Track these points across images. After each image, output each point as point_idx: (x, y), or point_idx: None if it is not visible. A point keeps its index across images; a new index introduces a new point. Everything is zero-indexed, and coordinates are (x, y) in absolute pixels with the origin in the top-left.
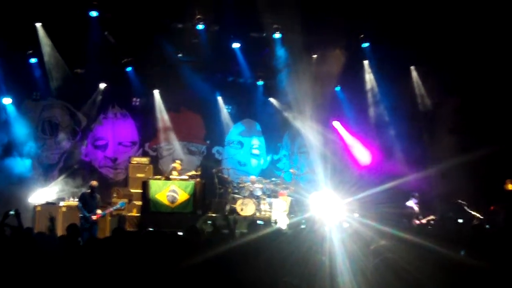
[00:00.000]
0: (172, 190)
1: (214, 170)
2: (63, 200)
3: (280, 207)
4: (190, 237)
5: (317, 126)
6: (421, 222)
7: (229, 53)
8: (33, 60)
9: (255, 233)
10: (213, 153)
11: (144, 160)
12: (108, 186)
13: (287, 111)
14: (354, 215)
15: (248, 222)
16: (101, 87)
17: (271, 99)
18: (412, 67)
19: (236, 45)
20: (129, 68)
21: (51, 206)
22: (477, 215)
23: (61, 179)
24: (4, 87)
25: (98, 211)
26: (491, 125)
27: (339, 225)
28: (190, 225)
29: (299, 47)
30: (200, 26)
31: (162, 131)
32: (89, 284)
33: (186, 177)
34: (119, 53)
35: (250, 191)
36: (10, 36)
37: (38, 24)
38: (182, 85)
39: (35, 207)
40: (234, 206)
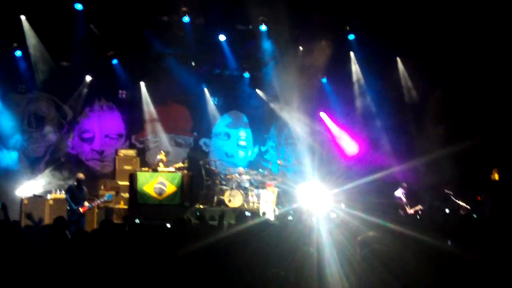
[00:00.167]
0: (159, 182)
1: (201, 162)
2: (50, 193)
3: (268, 198)
4: (177, 229)
5: (304, 118)
6: (409, 212)
7: (215, 45)
8: (18, 53)
9: (243, 224)
10: (200, 145)
11: (131, 152)
12: (95, 178)
13: (273, 102)
14: (341, 205)
15: (236, 214)
16: (87, 79)
17: (257, 91)
18: (398, 58)
19: (222, 37)
20: (115, 61)
21: (38, 199)
22: (464, 205)
23: (48, 172)
24: None
25: (85, 203)
26: (476, 116)
27: (327, 215)
28: (178, 217)
29: (285, 39)
30: (186, 19)
31: (148, 124)
32: (78, 277)
33: (173, 169)
34: (105, 45)
35: (238, 183)
36: None
37: (23, 17)
38: (169, 78)
39: (22, 200)
40: (222, 197)
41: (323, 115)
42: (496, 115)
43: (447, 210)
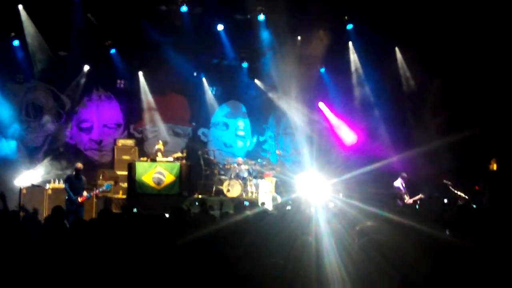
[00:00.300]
0: (158, 172)
1: (199, 152)
2: (48, 183)
3: (266, 188)
4: (176, 218)
5: (302, 108)
6: (407, 202)
7: (213, 35)
8: (16, 42)
9: (241, 214)
10: (199, 135)
11: (130, 142)
12: (93, 168)
13: (272, 92)
14: (339, 195)
15: (235, 203)
16: (85, 69)
17: (256, 80)
18: (396, 48)
19: (220, 27)
20: (112, 50)
21: (36, 188)
22: (462, 195)
23: (46, 161)
24: None
25: (84, 193)
26: (475, 106)
27: (325, 205)
28: (176, 207)
29: (284, 29)
30: (184, 8)
31: (147, 113)
32: (76, 266)
33: (171, 159)
34: (103, 35)
35: (236, 173)
36: None
37: (20, 6)
38: (167, 67)
39: (21, 190)
40: (221, 187)
41: (322, 105)
42: (495, 105)
43: (446, 200)
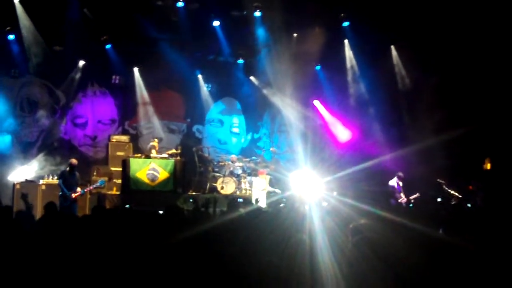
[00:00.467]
0: (152, 168)
1: (194, 149)
2: (42, 178)
3: (260, 185)
4: (170, 215)
5: (297, 105)
6: (399, 201)
7: (209, 31)
8: (11, 36)
9: (235, 211)
10: (194, 131)
11: (124, 138)
12: (88, 164)
13: (267, 89)
14: (333, 193)
15: (228, 201)
16: (80, 64)
17: (251, 77)
18: (392, 46)
19: (216, 23)
20: (108, 46)
21: (30, 184)
22: (456, 194)
23: (40, 157)
24: None
25: (78, 189)
26: (469, 105)
27: (319, 203)
28: (170, 204)
29: (279, 26)
30: (180, 4)
31: (142, 109)
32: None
33: (166, 155)
34: (98, 30)
35: (231, 170)
36: None
37: (16, 0)
38: (162, 63)
39: (14, 185)
40: (215, 184)
41: (317, 103)
42: (489, 105)
43: (439, 199)
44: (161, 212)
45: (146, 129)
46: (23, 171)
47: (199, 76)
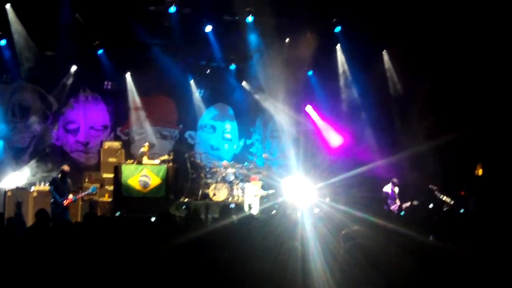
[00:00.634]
0: (144, 175)
1: (186, 155)
2: (33, 185)
3: (252, 191)
4: (162, 222)
5: (290, 111)
6: (392, 208)
7: (202, 36)
8: (3, 42)
9: (227, 218)
10: (186, 137)
11: (116, 144)
12: (80, 170)
13: (259, 95)
14: (326, 199)
15: (220, 207)
16: (72, 70)
17: (243, 83)
18: (384, 51)
19: (208, 28)
20: (100, 51)
21: (21, 191)
22: (448, 200)
23: (32, 163)
24: None
25: (70, 195)
26: (461, 111)
27: (311, 209)
28: (162, 211)
29: (272, 31)
30: (172, 9)
31: (134, 115)
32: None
33: (158, 161)
34: (90, 35)
35: (223, 176)
36: None
37: (7, 5)
38: (154, 69)
39: (5, 192)
40: (207, 191)
41: (309, 109)
42: (481, 110)
43: (431, 205)
44: (153, 219)
45: (138, 135)
46: (14, 178)
47: (192, 82)
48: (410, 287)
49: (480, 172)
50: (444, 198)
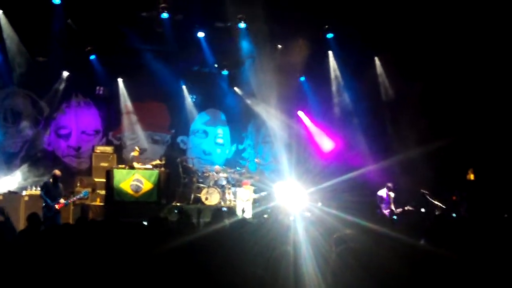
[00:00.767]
0: (136, 179)
1: (178, 160)
2: (25, 189)
3: (244, 196)
4: (154, 226)
5: (282, 116)
6: (384, 212)
7: (194, 42)
8: None
9: (220, 222)
10: (178, 142)
11: (108, 149)
12: (71, 175)
13: (251, 100)
14: (318, 204)
15: (212, 212)
16: (64, 75)
17: (235, 88)
18: (376, 57)
19: (200, 34)
20: (92, 56)
21: (13, 195)
22: (439, 205)
23: (24, 167)
24: None
25: (61, 200)
26: (452, 116)
27: (303, 214)
28: (154, 216)
29: (264, 37)
30: (165, 15)
31: (126, 120)
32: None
33: (150, 166)
34: (83, 41)
35: (215, 181)
36: None
37: (0, 11)
38: (146, 74)
39: None
40: (199, 195)
41: (301, 114)
42: (472, 116)
43: (423, 210)
44: (145, 223)
45: (130, 139)
46: (6, 182)
47: (184, 87)
48: None
49: (471, 176)
50: (436, 202)
